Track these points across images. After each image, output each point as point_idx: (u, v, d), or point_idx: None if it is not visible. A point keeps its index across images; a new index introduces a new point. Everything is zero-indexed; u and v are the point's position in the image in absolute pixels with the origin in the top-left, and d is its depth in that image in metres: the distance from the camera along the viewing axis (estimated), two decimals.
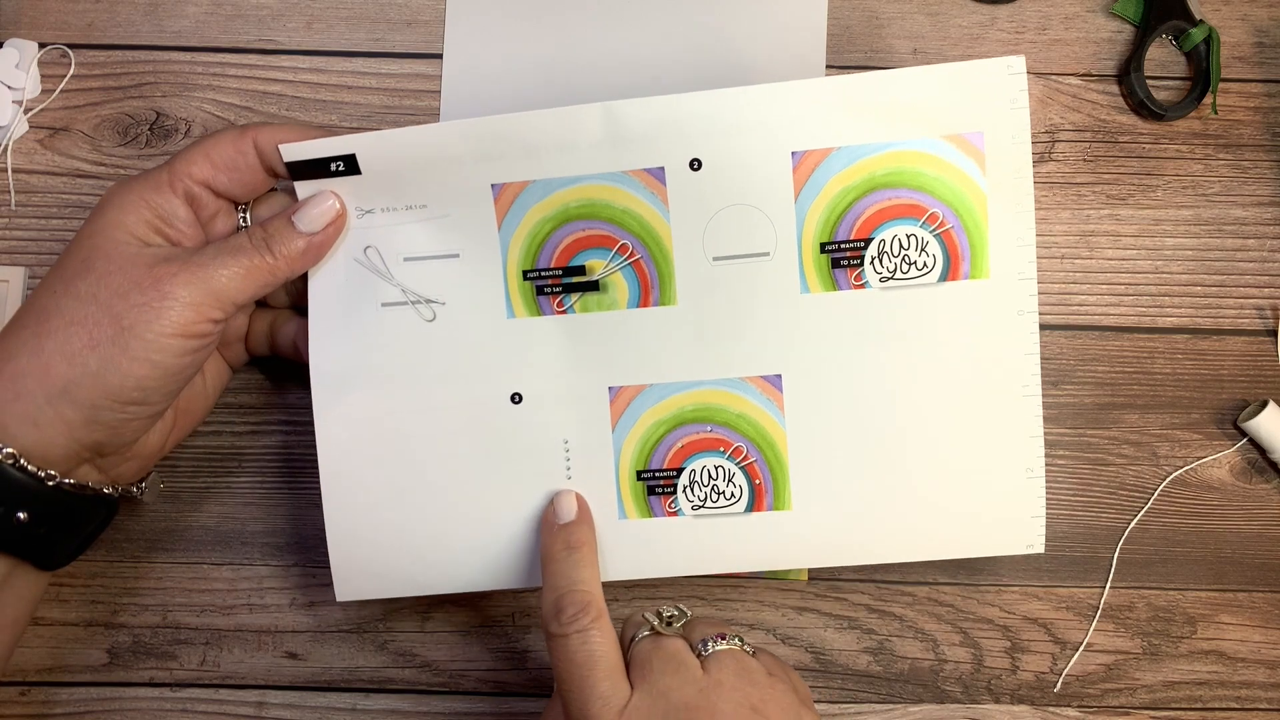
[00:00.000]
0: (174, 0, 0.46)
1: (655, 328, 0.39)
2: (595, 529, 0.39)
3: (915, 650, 0.43)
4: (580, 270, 0.39)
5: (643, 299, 0.39)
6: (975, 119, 0.37)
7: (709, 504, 0.39)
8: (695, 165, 0.38)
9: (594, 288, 0.39)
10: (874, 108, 0.37)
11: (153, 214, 0.36)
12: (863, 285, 0.38)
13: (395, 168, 0.38)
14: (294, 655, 0.43)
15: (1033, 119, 0.45)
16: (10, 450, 0.33)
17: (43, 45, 0.45)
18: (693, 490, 0.39)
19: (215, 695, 0.43)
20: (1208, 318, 0.45)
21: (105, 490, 0.37)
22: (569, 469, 0.39)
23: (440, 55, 0.45)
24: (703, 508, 0.40)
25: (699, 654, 0.34)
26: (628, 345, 0.39)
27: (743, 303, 0.38)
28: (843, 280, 0.38)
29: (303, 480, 0.44)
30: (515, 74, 0.45)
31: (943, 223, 0.38)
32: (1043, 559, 0.43)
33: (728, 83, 0.37)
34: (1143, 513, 0.44)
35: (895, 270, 0.38)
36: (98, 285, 0.35)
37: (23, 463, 0.33)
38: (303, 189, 0.38)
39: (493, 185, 0.38)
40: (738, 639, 0.35)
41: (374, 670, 0.43)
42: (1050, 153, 0.45)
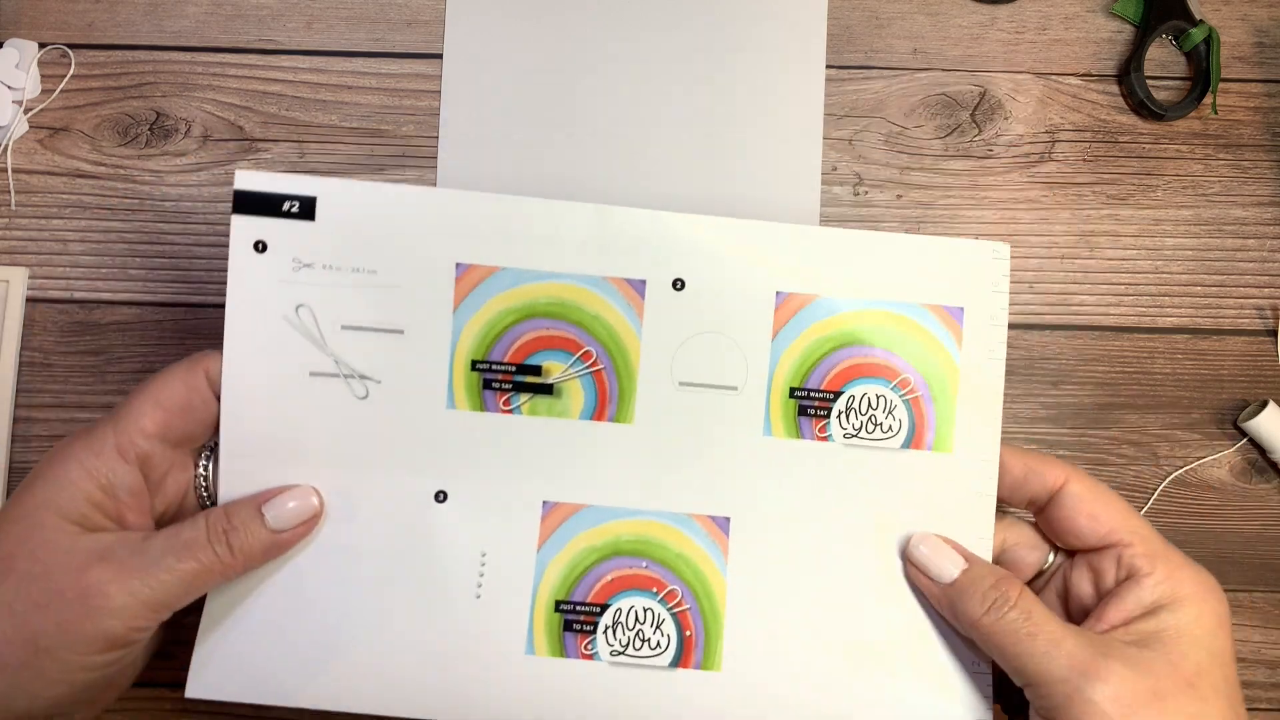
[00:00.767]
0: (174, 0, 0.46)
1: (605, 444, 0.36)
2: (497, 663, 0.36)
3: None
4: (536, 370, 0.36)
5: (598, 412, 0.37)
6: (958, 294, 0.37)
7: (630, 651, 0.36)
8: (678, 285, 0.36)
9: (547, 391, 0.36)
10: (860, 265, 0.37)
11: (95, 486, 0.32)
12: (826, 438, 0.37)
13: (354, 222, 0.35)
14: None
15: (1033, 119, 0.45)
16: None
17: (43, 45, 0.45)
18: (615, 633, 0.36)
19: None
20: (1208, 318, 0.45)
21: None
22: (480, 587, 0.36)
23: (440, 55, 0.45)
24: (623, 654, 0.36)
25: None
26: (573, 458, 0.36)
27: (703, 433, 0.37)
28: (807, 429, 0.37)
29: None
30: (515, 75, 0.45)
31: (913, 389, 0.37)
32: None
33: (727, 87, 0.37)
34: (1143, 513, 0.44)
35: (861, 428, 0.37)
36: (15, 593, 0.30)
37: None
38: (240, 225, 0.35)
39: (458, 264, 0.36)
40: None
41: None
42: (1050, 153, 0.45)
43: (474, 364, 0.36)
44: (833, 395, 0.37)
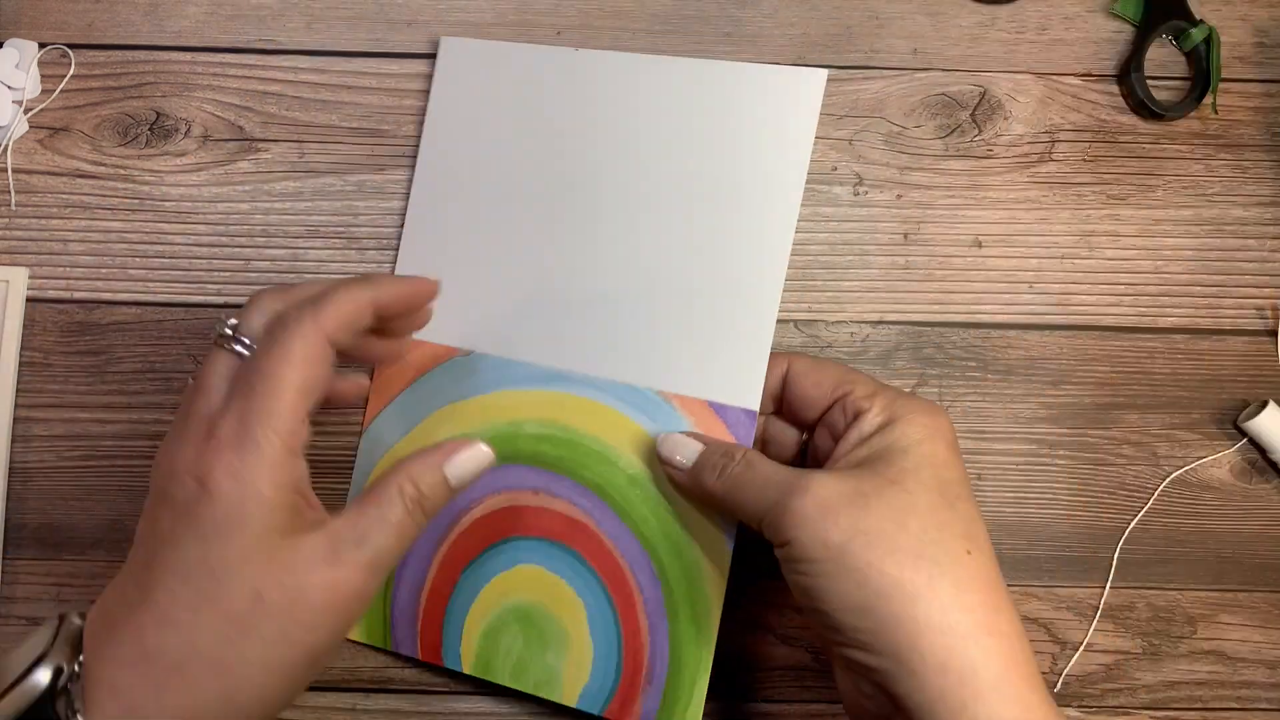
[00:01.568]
0: (174, 0, 0.46)
1: None
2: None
3: None
4: None
5: None
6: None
7: None
8: None
9: None
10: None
11: (290, 492, 0.31)
12: None
13: None
14: None
15: (1033, 119, 0.45)
16: None
17: (43, 45, 0.45)
18: None
19: None
20: (1208, 318, 0.45)
21: None
22: None
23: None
24: None
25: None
26: None
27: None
28: None
29: None
30: (490, 177, 0.43)
31: None
32: (1043, 559, 0.43)
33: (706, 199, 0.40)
34: (1143, 513, 0.44)
35: None
36: (280, 632, 0.30)
37: None
38: None
39: None
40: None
41: (374, 670, 0.43)
42: (1050, 153, 0.45)
43: None
44: None
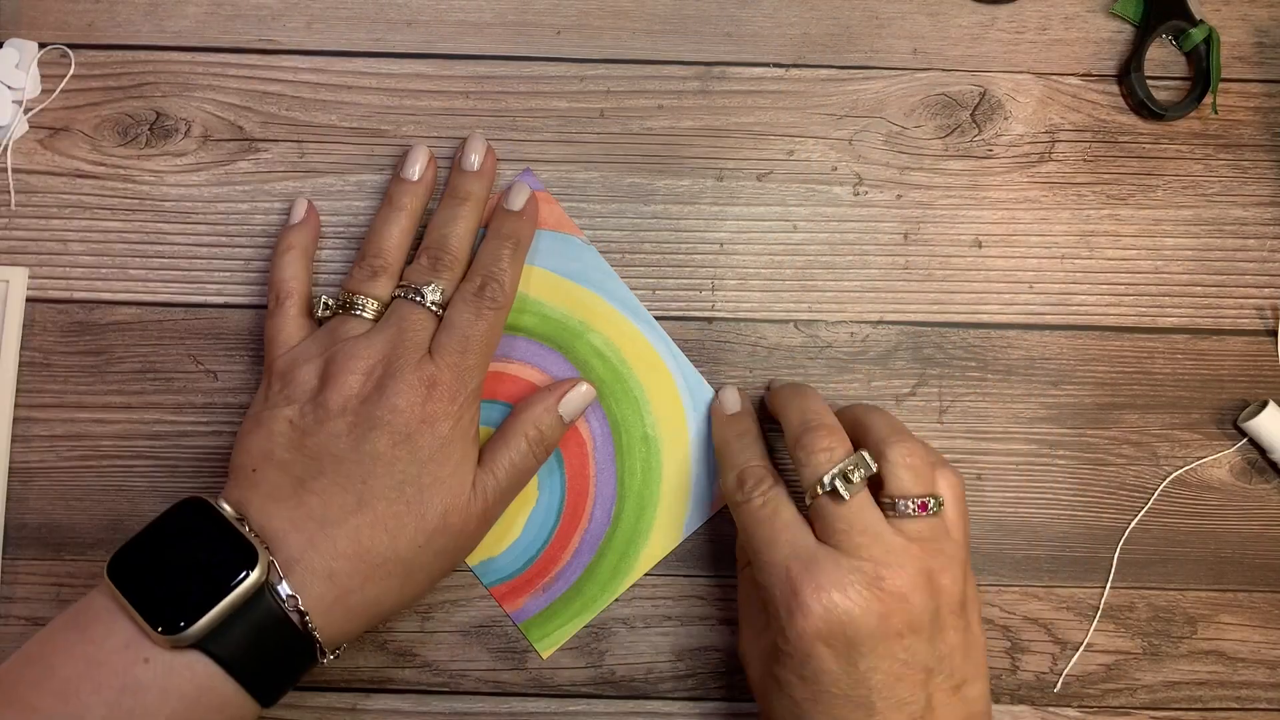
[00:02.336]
0: (174, 0, 0.46)
1: None
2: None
3: None
4: None
5: None
6: None
7: None
8: None
9: None
10: None
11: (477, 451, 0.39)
12: None
13: None
14: None
15: (1033, 119, 0.45)
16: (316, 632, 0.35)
17: (43, 45, 0.45)
18: None
19: None
20: (1208, 318, 0.45)
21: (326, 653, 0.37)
22: None
23: (441, 55, 0.45)
24: None
25: (889, 510, 0.35)
26: None
27: None
28: None
29: None
30: None
31: None
32: (1043, 559, 0.43)
33: None
34: (1143, 513, 0.44)
35: None
36: (455, 536, 0.38)
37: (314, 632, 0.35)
38: None
39: None
40: (938, 503, 0.36)
41: (374, 670, 0.43)
42: (1050, 153, 0.45)
43: None
44: None
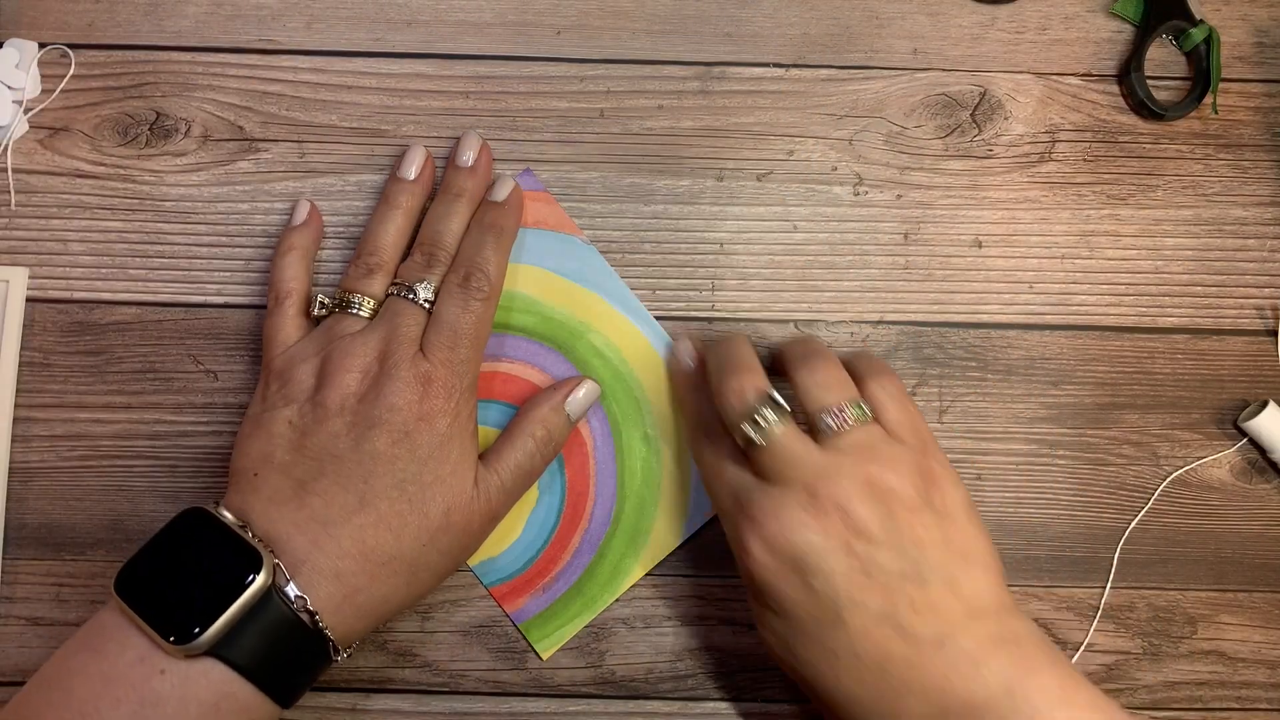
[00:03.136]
0: (174, 0, 0.46)
1: None
2: None
3: None
4: None
5: None
6: None
7: None
8: None
9: None
10: None
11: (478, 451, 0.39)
12: None
13: None
14: None
15: (1033, 119, 0.45)
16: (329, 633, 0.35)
17: (43, 45, 0.45)
18: None
19: None
20: (1208, 318, 0.45)
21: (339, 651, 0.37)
22: None
23: (441, 55, 0.45)
24: None
25: (821, 434, 0.35)
26: None
27: None
28: None
29: None
30: None
31: None
32: (1043, 559, 0.43)
33: None
34: (1143, 513, 0.44)
35: None
36: (457, 539, 0.38)
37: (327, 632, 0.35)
38: None
39: None
40: (857, 407, 0.35)
41: (374, 670, 0.43)
42: (1050, 153, 0.45)
43: None
44: None
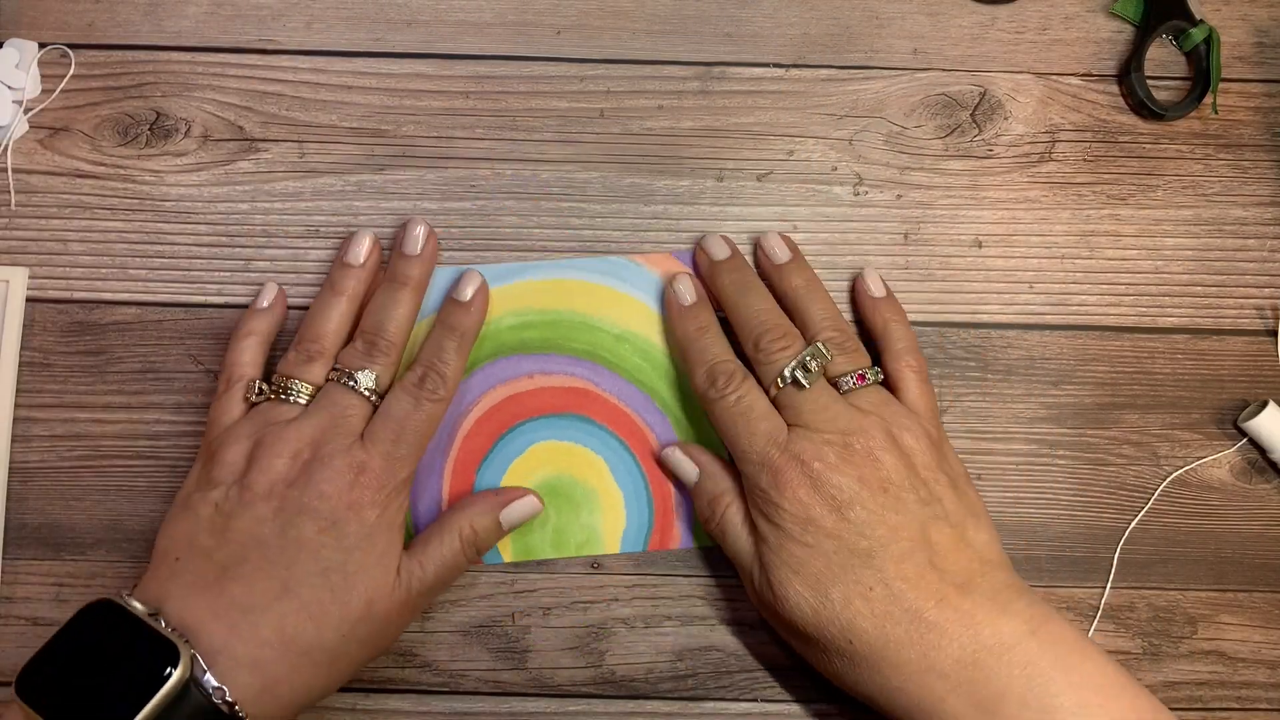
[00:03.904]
0: (174, 0, 0.46)
1: None
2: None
3: None
4: None
5: None
6: None
7: None
8: None
9: None
10: None
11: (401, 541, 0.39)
12: None
13: None
14: None
15: (1033, 119, 0.45)
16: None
17: (43, 45, 0.45)
18: None
19: None
20: (1208, 318, 0.45)
21: None
22: None
23: (441, 55, 0.45)
24: None
25: (841, 390, 0.39)
26: None
27: None
28: None
29: None
30: None
31: None
32: (1043, 559, 0.43)
33: None
34: (1143, 513, 0.44)
35: None
36: (372, 632, 0.38)
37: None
38: None
39: None
40: (874, 371, 0.39)
41: (374, 670, 0.43)
42: (1050, 153, 0.45)
43: None
44: None
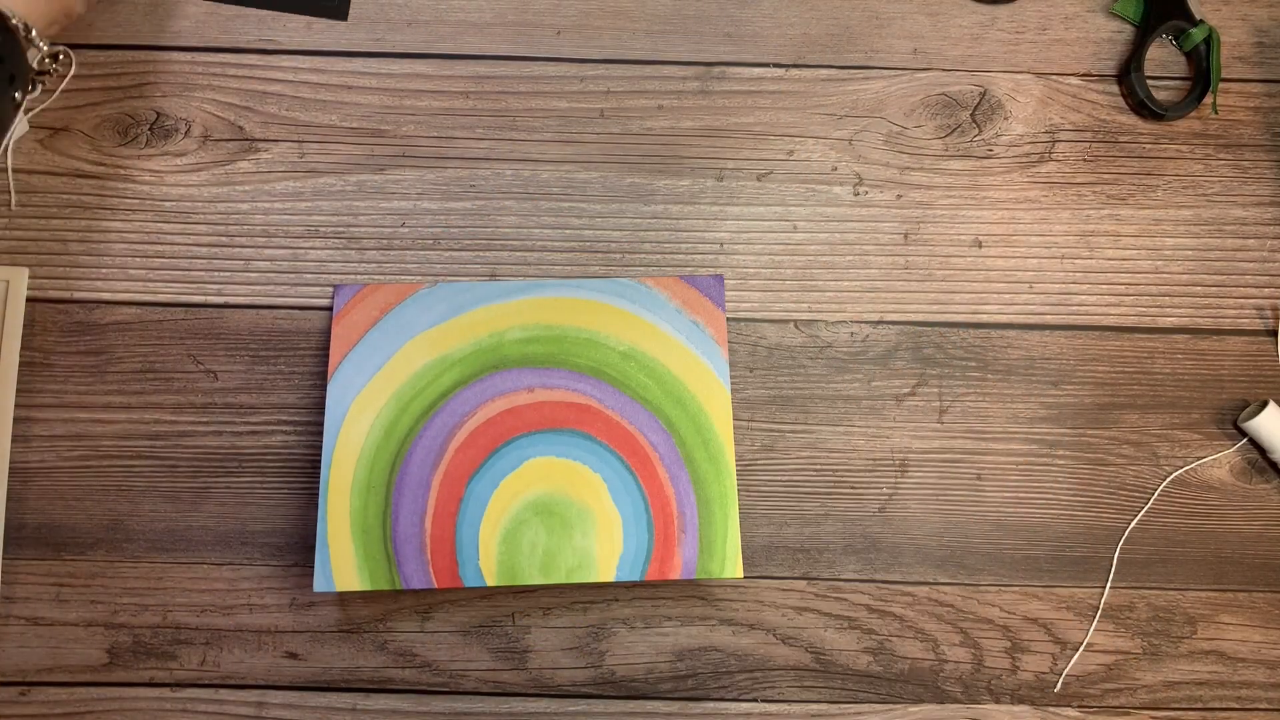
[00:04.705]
0: (174, 0, 0.46)
1: None
2: None
3: (915, 650, 0.43)
4: None
5: None
6: None
7: None
8: None
9: None
10: None
11: None
12: None
13: None
14: (294, 655, 0.43)
15: (1033, 119, 0.45)
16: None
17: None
18: None
19: (215, 695, 0.43)
20: (1208, 318, 0.45)
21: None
22: None
23: (441, 55, 0.45)
24: None
25: None
26: None
27: None
28: None
29: (302, 480, 0.44)
30: None
31: None
32: (1043, 559, 0.43)
33: None
34: (1143, 513, 0.44)
35: None
36: None
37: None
38: None
39: None
40: None
41: (374, 670, 0.43)
42: (1050, 153, 0.45)
43: None
44: None
